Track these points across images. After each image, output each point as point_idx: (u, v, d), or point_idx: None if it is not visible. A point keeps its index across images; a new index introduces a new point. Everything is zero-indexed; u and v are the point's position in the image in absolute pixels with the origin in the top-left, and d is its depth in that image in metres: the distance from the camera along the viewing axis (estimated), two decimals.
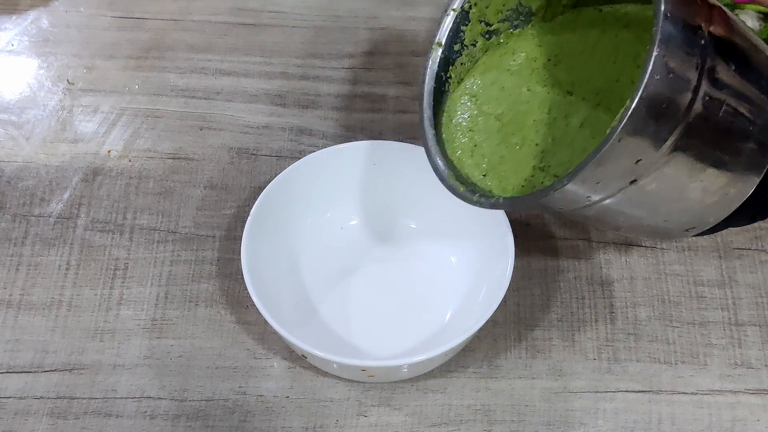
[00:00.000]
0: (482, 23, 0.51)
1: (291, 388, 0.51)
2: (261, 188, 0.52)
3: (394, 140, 0.54)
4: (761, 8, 0.67)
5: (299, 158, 0.54)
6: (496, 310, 0.48)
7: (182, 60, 0.65)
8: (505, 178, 0.47)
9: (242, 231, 0.50)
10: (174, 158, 0.60)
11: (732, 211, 0.45)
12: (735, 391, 0.51)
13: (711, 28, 0.41)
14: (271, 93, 0.63)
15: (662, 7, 0.38)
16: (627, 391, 0.51)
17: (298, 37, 0.67)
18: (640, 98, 0.38)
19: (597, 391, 0.51)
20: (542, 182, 0.46)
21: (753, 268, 0.56)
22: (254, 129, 0.61)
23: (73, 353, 0.51)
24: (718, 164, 0.42)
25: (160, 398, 0.50)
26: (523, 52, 0.51)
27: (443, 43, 0.51)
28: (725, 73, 0.41)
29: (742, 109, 0.42)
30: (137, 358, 0.51)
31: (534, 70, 0.50)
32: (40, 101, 0.62)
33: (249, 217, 0.51)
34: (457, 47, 0.51)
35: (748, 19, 0.67)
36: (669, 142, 0.40)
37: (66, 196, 0.58)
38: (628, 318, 0.53)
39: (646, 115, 0.38)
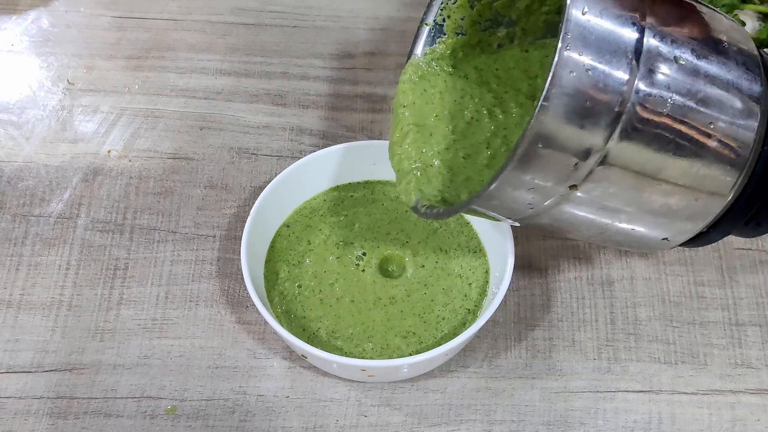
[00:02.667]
0: (459, 35, 0.51)
1: (291, 388, 0.51)
2: (261, 188, 0.52)
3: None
4: (761, 8, 0.67)
5: (299, 158, 0.54)
6: (496, 310, 0.48)
7: (182, 60, 0.65)
8: (458, 189, 0.47)
9: (242, 231, 0.50)
10: (174, 158, 0.60)
11: (712, 217, 0.43)
12: (735, 391, 0.51)
13: (650, 20, 0.38)
14: (271, 93, 0.63)
15: None
16: (627, 391, 0.51)
17: (298, 37, 0.67)
18: (547, 98, 0.36)
19: (597, 391, 0.51)
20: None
21: (753, 268, 0.56)
22: (254, 129, 0.61)
23: (73, 353, 0.51)
24: (672, 167, 0.40)
25: (160, 398, 0.50)
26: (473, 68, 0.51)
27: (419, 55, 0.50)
28: (669, 68, 0.38)
29: (695, 107, 0.39)
30: (137, 357, 0.51)
31: (480, 85, 0.50)
32: (40, 101, 0.62)
33: (249, 217, 0.51)
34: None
35: (748, 20, 0.67)
36: (605, 144, 0.38)
37: (66, 196, 0.58)
38: (628, 318, 0.53)
39: (567, 115, 0.36)
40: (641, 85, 0.38)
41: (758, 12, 0.67)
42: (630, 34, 0.38)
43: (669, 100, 0.38)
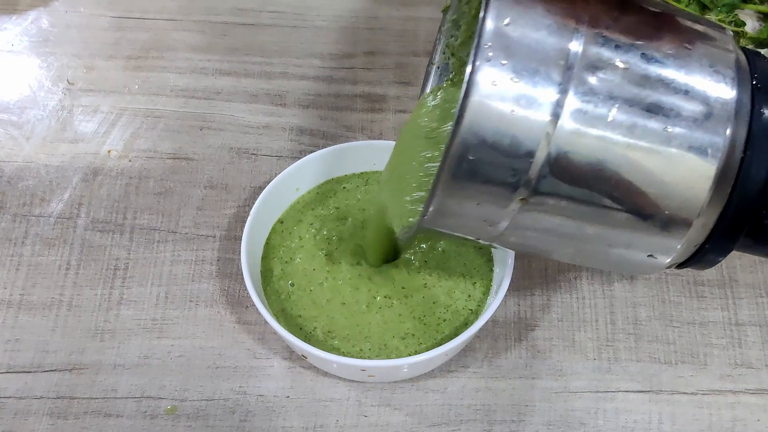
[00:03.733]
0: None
1: (291, 388, 0.51)
2: (261, 188, 0.52)
3: (394, 140, 0.54)
4: (761, 8, 0.67)
5: (299, 158, 0.54)
6: (496, 310, 0.48)
7: (182, 60, 0.65)
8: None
9: (242, 231, 0.50)
10: (174, 158, 0.60)
11: (693, 228, 0.39)
12: (735, 391, 0.51)
13: (588, 26, 0.36)
14: (271, 93, 0.63)
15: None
16: (627, 391, 0.51)
17: (298, 37, 0.67)
18: (463, 108, 0.35)
19: (597, 391, 0.51)
20: None
21: (753, 268, 0.56)
22: (254, 129, 0.61)
23: (73, 353, 0.51)
24: (625, 177, 0.37)
25: (160, 398, 0.50)
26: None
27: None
28: (613, 74, 0.36)
29: (646, 113, 0.37)
30: (137, 358, 0.51)
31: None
32: (40, 101, 0.62)
33: (249, 218, 0.51)
34: None
35: (748, 20, 0.67)
36: (541, 156, 0.36)
37: (66, 196, 0.58)
38: (628, 318, 0.53)
39: (494, 128, 0.35)
40: (575, 98, 0.36)
41: (758, 12, 0.67)
42: (563, 42, 0.36)
43: (612, 106, 0.37)
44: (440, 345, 0.48)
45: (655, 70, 0.37)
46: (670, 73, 0.38)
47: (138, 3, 0.68)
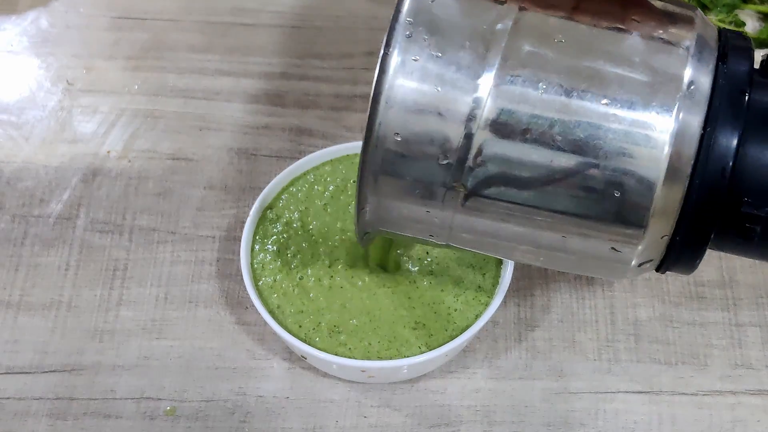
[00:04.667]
0: None
1: (291, 388, 0.51)
2: (261, 188, 0.52)
3: None
4: (761, 8, 0.67)
5: (299, 158, 0.54)
6: (496, 311, 0.48)
7: (182, 60, 0.65)
8: None
9: (242, 231, 0.50)
10: (173, 158, 0.60)
11: (654, 217, 0.35)
12: (735, 392, 0.51)
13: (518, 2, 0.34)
14: (271, 93, 0.63)
15: None
16: (627, 392, 0.51)
17: (298, 37, 0.67)
18: (381, 86, 0.33)
19: (597, 392, 0.51)
20: None
21: (753, 268, 0.56)
22: (254, 129, 0.61)
23: (72, 354, 0.51)
24: (564, 148, 0.34)
25: (159, 399, 0.50)
26: None
27: None
28: (548, 48, 0.34)
29: (583, 86, 0.34)
30: (137, 358, 0.51)
31: None
32: (40, 102, 0.62)
33: (249, 217, 0.51)
34: None
35: (748, 19, 0.67)
36: (471, 133, 0.34)
37: (65, 196, 0.58)
38: (628, 318, 0.53)
39: (417, 106, 0.33)
40: (504, 69, 0.34)
41: (758, 12, 0.67)
42: (490, 16, 0.34)
43: (545, 81, 0.34)
44: (451, 337, 0.47)
45: (593, 43, 0.35)
46: (610, 46, 0.35)
47: (138, 3, 0.68)
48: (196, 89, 0.63)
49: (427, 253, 0.51)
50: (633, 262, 0.38)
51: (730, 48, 0.37)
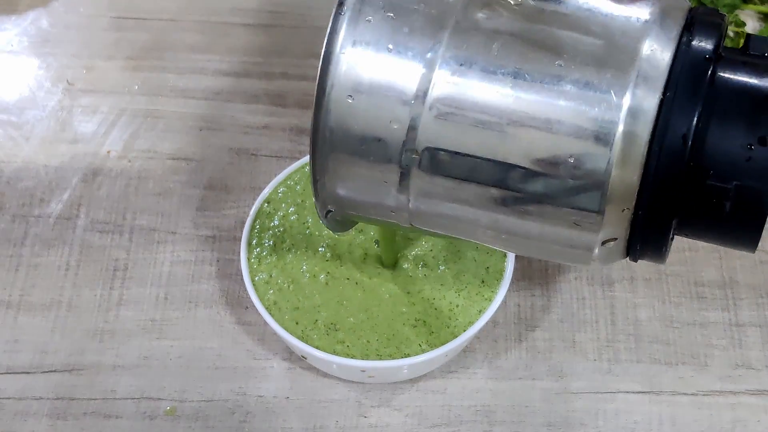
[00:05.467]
0: None
1: (291, 388, 0.51)
2: (261, 189, 0.52)
3: None
4: (761, 8, 0.67)
5: (299, 158, 0.54)
6: (496, 311, 0.48)
7: (182, 60, 0.65)
8: None
9: (242, 231, 0.50)
10: (174, 158, 0.60)
11: (612, 184, 0.34)
12: (735, 392, 0.51)
13: None
14: (270, 93, 0.63)
15: None
16: (627, 392, 0.51)
17: (298, 37, 0.67)
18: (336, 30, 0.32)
19: (597, 392, 0.51)
20: None
21: (753, 268, 0.56)
22: (254, 129, 0.61)
23: (72, 354, 0.51)
24: (518, 109, 0.33)
25: (159, 399, 0.50)
26: None
27: None
28: (501, 10, 0.33)
29: (536, 48, 0.33)
30: (137, 358, 0.51)
31: None
32: (40, 102, 0.62)
33: (248, 218, 0.51)
34: None
35: (748, 20, 0.67)
36: (423, 93, 0.33)
37: (65, 196, 0.58)
38: (628, 318, 0.53)
39: (358, 64, 0.33)
40: (458, 31, 0.33)
41: (759, 12, 0.67)
42: None
43: (497, 43, 0.33)
44: (453, 335, 0.47)
45: (549, 5, 0.34)
46: (566, 8, 0.34)
47: (138, 3, 0.68)
48: (196, 89, 0.63)
49: (429, 248, 0.50)
50: (597, 236, 0.36)
51: (696, 23, 0.35)
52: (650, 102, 0.33)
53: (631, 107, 0.33)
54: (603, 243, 0.36)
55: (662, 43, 0.34)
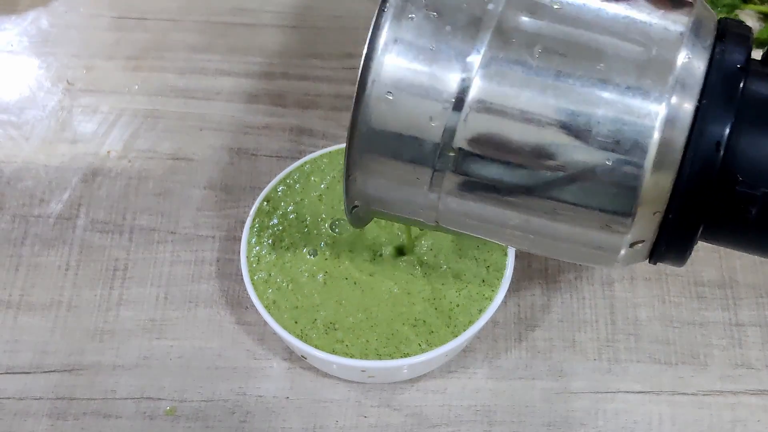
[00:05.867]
0: None
1: (291, 388, 0.51)
2: (261, 189, 0.52)
3: None
4: (761, 8, 0.67)
5: (299, 158, 0.54)
6: (496, 311, 0.48)
7: (182, 60, 0.65)
8: None
9: (242, 231, 0.50)
10: (174, 158, 0.60)
11: (648, 190, 0.34)
12: (735, 392, 0.51)
13: None
14: (271, 93, 0.63)
15: None
16: (627, 392, 0.51)
17: (298, 37, 0.67)
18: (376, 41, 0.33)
19: (597, 392, 0.51)
20: None
21: (753, 268, 0.56)
22: (254, 129, 0.61)
23: (72, 354, 0.51)
24: (554, 116, 0.34)
25: (159, 399, 0.50)
26: None
27: None
28: (542, 14, 0.33)
29: (580, 54, 0.33)
30: (137, 358, 0.51)
31: None
32: (40, 102, 0.62)
33: (249, 218, 0.51)
34: None
35: (748, 19, 0.67)
36: (462, 97, 0.34)
37: (65, 196, 0.58)
38: (628, 318, 0.53)
39: (399, 60, 0.33)
40: (499, 34, 0.34)
41: (759, 12, 0.67)
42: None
43: (538, 47, 0.34)
44: (453, 334, 0.47)
45: (589, 15, 0.34)
46: (606, 14, 0.35)
47: (138, 3, 0.68)
48: (196, 89, 0.63)
49: (429, 247, 0.50)
50: (626, 239, 0.36)
51: (728, 34, 0.36)
52: (687, 109, 0.34)
53: (669, 113, 0.34)
54: (631, 245, 0.37)
55: (697, 53, 0.35)
